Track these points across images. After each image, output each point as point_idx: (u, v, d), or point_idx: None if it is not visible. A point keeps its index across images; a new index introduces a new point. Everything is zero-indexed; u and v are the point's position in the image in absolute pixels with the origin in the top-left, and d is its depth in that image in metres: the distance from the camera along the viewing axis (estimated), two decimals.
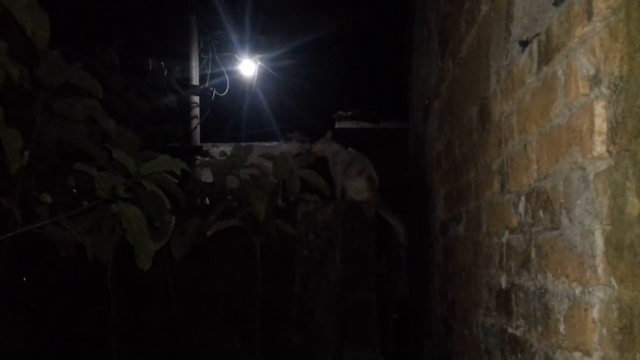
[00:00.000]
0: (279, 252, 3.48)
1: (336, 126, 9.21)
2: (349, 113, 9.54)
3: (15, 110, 2.81)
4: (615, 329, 1.01)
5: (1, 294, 2.46)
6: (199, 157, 7.65)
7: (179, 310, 3.41)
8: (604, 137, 1.07)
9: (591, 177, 1.11)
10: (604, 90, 1.07)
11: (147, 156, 2.63)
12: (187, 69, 9.06)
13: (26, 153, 2.23)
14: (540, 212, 1.39)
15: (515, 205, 1.61)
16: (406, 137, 5.84)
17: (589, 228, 1.11)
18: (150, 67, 6.51)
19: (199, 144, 9.39)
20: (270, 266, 3.36)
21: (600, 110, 1.08)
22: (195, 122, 9.43)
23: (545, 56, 1.35)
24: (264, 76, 10.89)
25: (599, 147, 1.08)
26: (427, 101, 3.57)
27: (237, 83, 10.64)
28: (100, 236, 2.79)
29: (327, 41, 9.84)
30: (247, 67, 10.65)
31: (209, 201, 4.08)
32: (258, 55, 10.65)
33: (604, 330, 1.06)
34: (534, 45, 1.43)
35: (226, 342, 3.48)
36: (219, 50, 10.15)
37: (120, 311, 3.17)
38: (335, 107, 9.43)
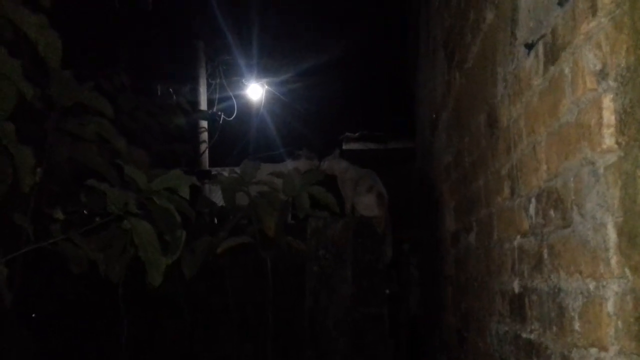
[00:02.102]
0: (289, 268, 3.48)
1: (343, 147, 9.24)
2: (356, 134, 9.58)
3: (28, 129, 2.85)
4: (631, 320, 1.01)
5: (14, 311, 2.46)
6: (207, 181, 7.67)
7: (192, 327, 3.40)
8: (612, 129, 1.08)
9: (601, 170, 1.12)
10: (611, 83, 1.08)
11: (159, 174, 2.66)
12: (195, 92, 9.16)
13: (38, 170, 2.26)
14: (551, 212, 1.39)
15: (526, 208, 1.61)
16: (414, 157, 5.86)
17: (600, 221, 1.12)
18: (159, 93, 6.58)
19: (207, 168, 9.43)
20: (281, 282, 3.36)
21: (608, 103, 1.09)
22: (203, 147, 9.49)
23: (552, 56, 1.37)
24: (271, 100, 10.98)
25: (608, 140, 1.09)
26: (434, 115, 3.59)
27: (244, 107, 10.72)
28: (111, 254, 2.80)
29: (333, 63, 9.91)
30: (255, 91, 10.74)
31: (218, 221, 4.10)
32: (265, 79, 10.75)
33: (619, 323, 1.05)
34: (540, 47, 1.45)
35: (239, 358, 3.47)
36: (226, 75, 10.26)
37: (132, 329, 3.17)
38: (343, 129, 9.48)
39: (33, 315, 3.13)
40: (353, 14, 10.30)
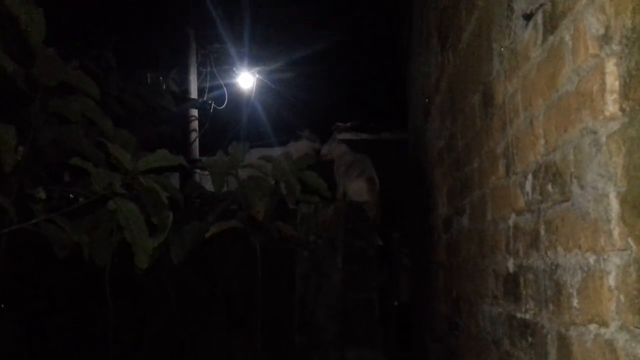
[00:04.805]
0: (279, 254, 3.43)
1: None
2: (348, 124, 9.51)
3: (11, 110, 2.78)
4: (634, 292, 0.96)
5: None
6: (198, 171, 7.60)
7: (180, 314, 3.34)
8: (616, 95, 1.03)
9: (603, 139, 1.07)
10: (615, 47, 1.03)
11: (145, 155, 2.59)
12: (185, 81, 9.05)
13: (20, 148, 2.18)
14: (549, 187, 1.35)
15: (522, 185, 1.57)
16: (407, 147, 5.82)
17: (602, 192, 1.07)
18: (149, 81, 6.49)
19: (198, 157, 9.33)
20: (270, 268, 3.30)
21: (611, 68, 1.04)
22: (194, 135, 9.40)
23: (551, 24, 1.32)
24: (262, 89, 10.88)
25: (612, 106, 1.04)
26: (427, 100, 3.54)
27: (235, 96, 10.61)
28: (98, 237, 2.74)
29: (325, 53, 9.83)
30: (246, 80, 10.63)
31: (207, 206, 4.03)
32: (256, 68, 10.64)
33: (621, 297, 1.01)
34: (539, 17, 1.40)
35: (228, 344, 3.42)
36: (217, 63, 10.14)
37: (119, 316, 3.11)
38: (335, 119, 9.39)
39: (18, 300, 3.06)
40: (346, 3, 10.22)
